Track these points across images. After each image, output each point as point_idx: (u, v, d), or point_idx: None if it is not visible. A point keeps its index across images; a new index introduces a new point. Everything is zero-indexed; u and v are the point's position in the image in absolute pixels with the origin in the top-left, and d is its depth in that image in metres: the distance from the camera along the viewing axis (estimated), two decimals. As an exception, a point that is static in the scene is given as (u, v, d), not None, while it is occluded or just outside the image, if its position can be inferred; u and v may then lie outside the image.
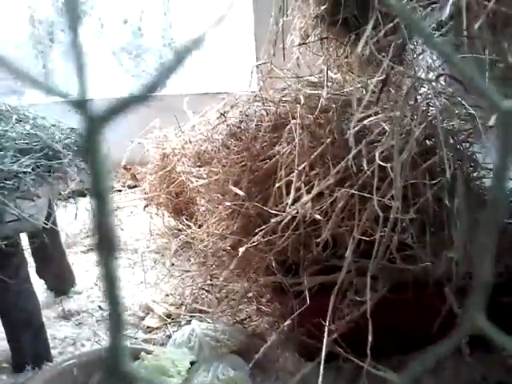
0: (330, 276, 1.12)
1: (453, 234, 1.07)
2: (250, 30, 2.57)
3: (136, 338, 1.40)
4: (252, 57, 2.56)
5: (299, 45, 1.68)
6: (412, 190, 1.08)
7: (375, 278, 1.06)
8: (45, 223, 1.04)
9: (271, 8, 1.58)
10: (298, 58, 1.72)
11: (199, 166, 1.56)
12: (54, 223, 1.34)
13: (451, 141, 1.16)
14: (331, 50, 1.72)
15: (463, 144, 1.17)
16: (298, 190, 1.13)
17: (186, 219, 1.72)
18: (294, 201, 1.12)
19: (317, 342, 1.05)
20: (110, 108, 0.18)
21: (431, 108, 1.13)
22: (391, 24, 1.07)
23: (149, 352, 1.15)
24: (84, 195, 1.67)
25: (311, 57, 1.72)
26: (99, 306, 1.54)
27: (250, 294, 1.43)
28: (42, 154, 1.14)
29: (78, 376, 1.15)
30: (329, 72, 1.52)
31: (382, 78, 1.20)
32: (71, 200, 1.44)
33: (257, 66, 1.90)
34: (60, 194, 1.30)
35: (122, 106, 0.18)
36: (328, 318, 1.06)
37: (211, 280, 1.40)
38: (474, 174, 1.21)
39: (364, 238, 1.05)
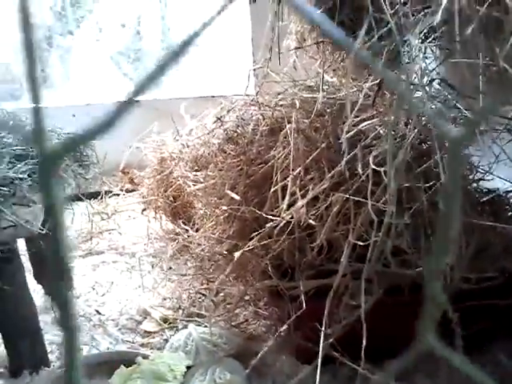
0: (326, 280, 1.13)
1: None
2: (247, 34, 2.57)
3: (133, 343, 1.41)
4: (249, 60, 2.56)
5: (295, 48, 1.68)
6: (407, 195, 1.08)
7: (370, 282, 1.06)
8: (40, 229, 1.04)
9: (268, 12, 1.58)
10: (294, 61, 1.73)
11: (196, 171, 1.57)
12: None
13: (446, 144, 1.17)
14: (327, 53, 1.73)
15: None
16: (293, 194, 1.13)
17: (184, 223, 1.72)
18: (289, 205, 1.13)
19: (313, 346, 1.06)
20: (65, 143, 0.19)
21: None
22: (385, 28, 1.08)
23: (145, 357, 1.16)
24: (81, 200, 1.68)
25: (308, 60, 1.73)
26: (97, 311, 1.54)
27: (247, 298, 1.43)
28: (37, 160, 1.14)
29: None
30: (325, 76, 1.53)
31: (376, 81, 1.21)
32: (68, 205, 1.44)
33: (253, 70, 1.91)
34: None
35: (79, 140, 0.19)
36: (324, 322, 1.06)
37: (208, 284, 1.41)
38: (470, 177, 1.22)
39: (359, 242, 1.06)
